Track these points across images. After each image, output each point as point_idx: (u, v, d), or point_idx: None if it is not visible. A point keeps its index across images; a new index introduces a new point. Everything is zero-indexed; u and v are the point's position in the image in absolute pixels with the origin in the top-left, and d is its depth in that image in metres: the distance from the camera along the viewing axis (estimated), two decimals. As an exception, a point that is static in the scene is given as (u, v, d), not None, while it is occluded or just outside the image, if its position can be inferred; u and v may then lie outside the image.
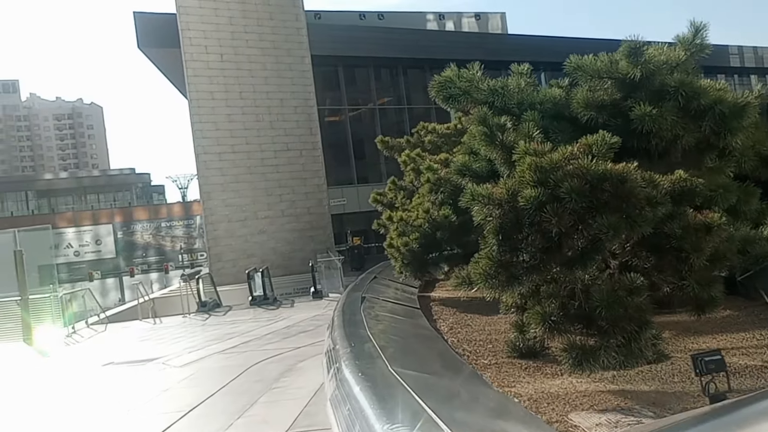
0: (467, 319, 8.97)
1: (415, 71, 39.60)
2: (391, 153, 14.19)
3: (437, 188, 10.48)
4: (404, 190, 12.98)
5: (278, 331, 14.89)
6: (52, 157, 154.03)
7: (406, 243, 10.59)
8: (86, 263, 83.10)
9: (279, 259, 26.86)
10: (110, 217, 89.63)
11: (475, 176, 6.88)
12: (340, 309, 6.69)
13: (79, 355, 15.24)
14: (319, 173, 28.67)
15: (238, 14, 27.64)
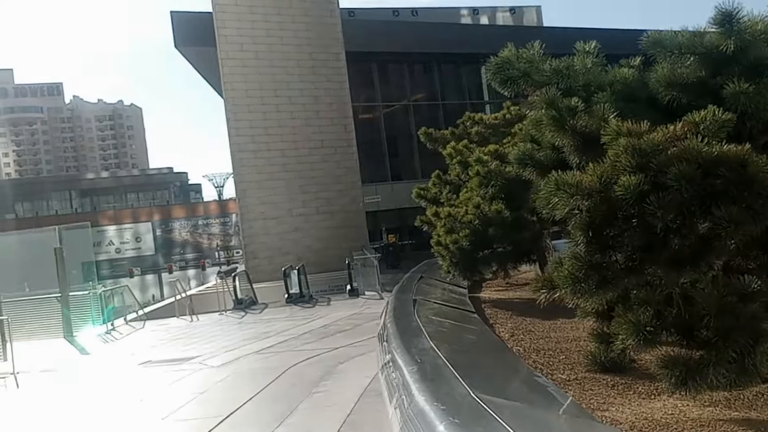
0: (527, 324, 8.16)
1: (449, 66, 38.75)
2: (434, 145, 13.23)
3: (488, 182, 9.69)
4: (450, 185, 12.07)
5: (315, 331, 14.25)
6: (94, 158, 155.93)
7: (455, 240, 9.77)
8: (126, 260, 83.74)
9: (314, 257, 26.21)
10: (149, 215, 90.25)
11: (539, 166, 6.08)
12: (391, 314, 5.90)
13: (117, 353, 14.78)
14: (354, 170, 27.99)
15: (273, 11, 27.05)
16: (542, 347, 6.80)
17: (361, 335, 12.97)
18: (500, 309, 9.05)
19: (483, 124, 13.24)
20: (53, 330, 17.40)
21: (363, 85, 35.40)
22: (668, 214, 3.91)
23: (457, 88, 39.77)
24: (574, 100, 5.46)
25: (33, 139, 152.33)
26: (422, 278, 9.85)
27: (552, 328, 7.72)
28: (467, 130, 13.22)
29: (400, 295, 7.15)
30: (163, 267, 79.13)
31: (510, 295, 11.40)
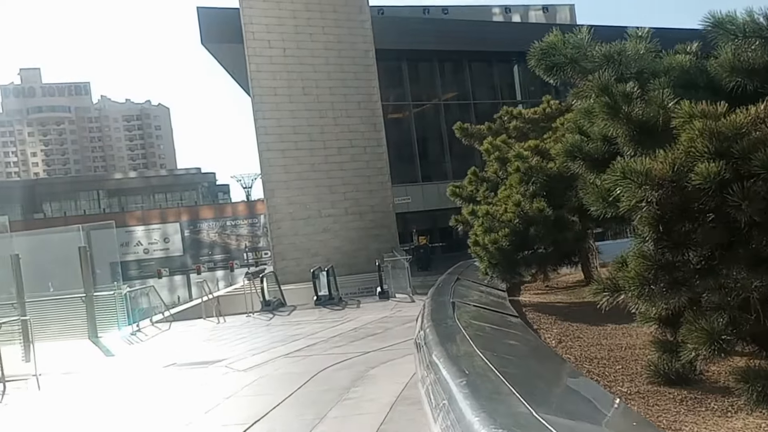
0: (574, 330, 7.76)
1: (481, 65, 38.31)
2: (469, 141, 12.75)
3: (528, 178, 9.29)
4: (487, 182, 11.60)
5: (345, 334, 13.99)
6: (122, 157, 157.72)
7: (494, 240, 9.33)
8: (154, 261, 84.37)
9: (342, 258, 25.95)
10: (177, 216, 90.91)
11: (588, 159, 5.70)
12: (429, 318, 5.54)
13: (142, 355, 14.65)
14: (384, 170, 27.68)
15: (302, 7, 26.85)
16: (594, 355, 6.38)
17: (393, 339, 12.67)
18: (543, 313, 8.66)
19: (522, 119, 12.73)
20: (77, 331, 17.35)
21: (392, 84, 35.12)
22: (755, 206, 3.52)
23: (488, 87, 39.32)
24: (629, 85, 5.08)
25: (61, 138, 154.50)
26: (458, 280, 9.44)
27: (602, 334, 7.29)
28: (504, 125, 12.70)
29: (437, 298, 6.80)
30: (191, 268, 79.65)
31: (551, 299, 10.98)
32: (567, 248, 10.06)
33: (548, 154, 9.84)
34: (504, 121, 12.72)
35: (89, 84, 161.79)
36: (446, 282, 9.17)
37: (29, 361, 11.84)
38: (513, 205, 9.55)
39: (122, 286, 18.43)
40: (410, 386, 8.64)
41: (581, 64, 5.83)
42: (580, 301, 10.38)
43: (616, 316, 8.73)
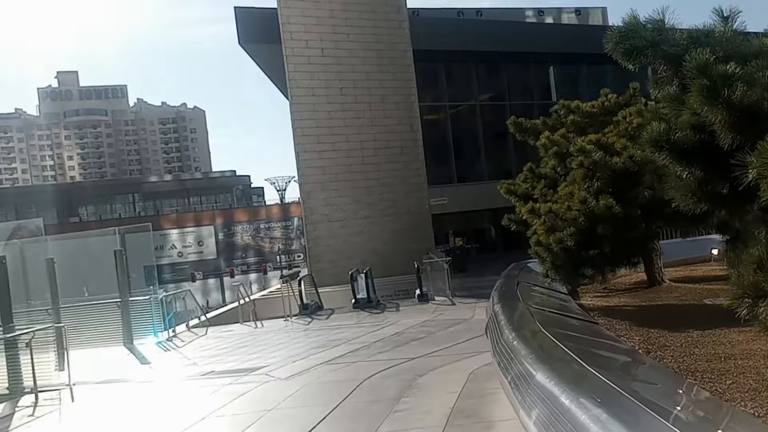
0: (657, 338, 7.18)
1: (516, 66, 37.63)
2: (524, 136, 12.13)
3: (592, 174, 8.72)
4: (544, 179, 10.98)
5: (387, 339, 13.50)
6: (157, 161, 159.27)
7: (560, 240, 8.80)
8: (189, 264, 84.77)
9: (379, 260, 25.43)
10: (211, 219, 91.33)
11: (677, 150, 5.13)
12: (509, 326, 4.93)
13: (178, 362, 14.30)
14: (420, 171, 27.15)
15: (339, 6, 26.45)
16: (694, 367, 5.72)
17: (438, 344, 12.17)
18: (614, 318, 8.12)
19: (579, 113, 12.07)
20: (113, 337, 17.07)
21: (428, 85, 34.58)
22: None
23: (523, 88, 38.57)
24: (730, 66, 4.51)
25: (97, 142, 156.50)
26: (519, 284, 8.88)
27: (690, 342, 6.67)
28: (561, 120, 12.08)
29: (508, 303, 6.26)
30: (224, 271, 79.86)
31: (615, 302, 10.46)
32: (634, 248, 9.48)
33: (611, 149, 9.28)
34: (560, 116, 12.09)
35: (126, 87, 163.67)
36: (508, 285, 8.60)
37: (63, 370, 11.51)
38: (578, 203, 8.98)
39: (158, 291, 18.13)
40: (464, 397, 8.14)
41: (662, 48, 5.26)
42: (648, 304, 9.91)
43: (695, 321, 8.13)
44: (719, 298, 9.56)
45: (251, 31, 29.99)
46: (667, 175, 5.45)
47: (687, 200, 4.56)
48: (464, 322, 14.63)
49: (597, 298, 10.92)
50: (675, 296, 10.63)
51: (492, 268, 27.98)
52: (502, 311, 5.48)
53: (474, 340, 12.21)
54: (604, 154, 8.99)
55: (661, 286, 11.31)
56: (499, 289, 7.73)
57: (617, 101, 12.13)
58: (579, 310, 8.18)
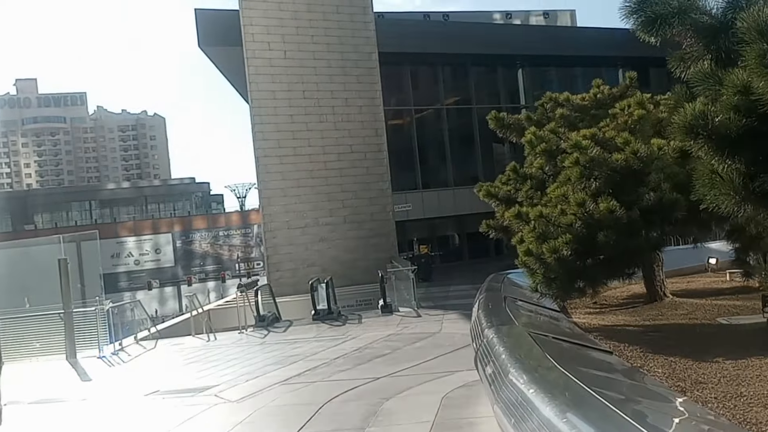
0: (683, 369, 5.94)
1: (483, 69, 36.91)
2: (505, 133, 10.90)
3: (590, 173, 7.66)
4: (531, 179, 9.71)
5: (349, 355, 12.38)
6: (116, 168, 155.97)
7: (555, 249, 7.60)
8: (146, 272, 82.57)
9: (340, 269, 24.39)
10: (170, 226, 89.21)
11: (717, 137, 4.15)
12: (516, 367, 3.76)
13: (122, 379, 13.01)
14: (384, 177, 26.11)
15: (303, 8, 25.39)
16: (754, 417, 4.49)
17: (404, 362, 11.10)
18: (620, 342, 6.96)
19: (569, 106, 10.88)
20: (55, 351, 15.73)
21: (393, 89, 33.69)
22: None
23: (491, 91, 37.79)
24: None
25: (55, 149, 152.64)
26: (506, 299, 7.69)
27: (727, 377, 5.46)
28: (547, 114, 10.84)
29: (502, 328, 5.13)
30: (182, 279, 77.85)
31: (613, 320, 9.25)
32: (638, 258, 8.39)
33: (609, 145, 8.19)
34: (546, 110, 10.87)
35: (85, 94, 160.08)
36: (494, 302, 7.42)
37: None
38: (575, 206, 7.87)
39: (105, 301, 16.74)
40: (438, 427, 7.11)
41: (691, 17, 4.28)
42: (653, 323, 8.72)
43: (717, 346, 7.07)
44: (736, 317, 8.53)
45: (211, 33, 28.79)
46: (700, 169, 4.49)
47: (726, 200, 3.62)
48: (432, 336, 13.58)
49: (590, 315, 9.66)
50: (681, 314, 9.47)
51: (458, 277, 27.10)
52: (499, 340, 4.38)
53: (444, 357, 11.19)
54: (601, 150, 7.95)
55: (662, 302, 10.12)
56: (484, 307, 6.54)
57: (611, 93, 11.08)
58: (585, 334, 6.98)
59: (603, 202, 7.44)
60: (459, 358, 10.88)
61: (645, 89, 12.46)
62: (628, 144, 7.78)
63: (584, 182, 7.79)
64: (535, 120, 10.32)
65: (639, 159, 7.71)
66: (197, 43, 29.11)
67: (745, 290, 10.70)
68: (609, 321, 8.83)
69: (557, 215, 7.78)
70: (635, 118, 8.62)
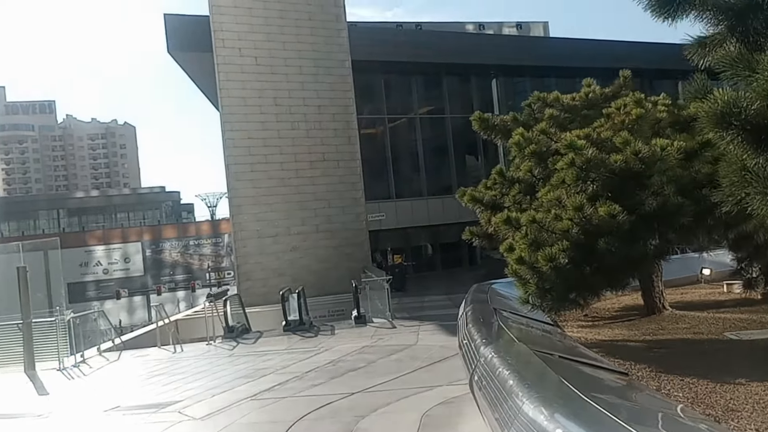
0: (708, 394, 5.21)
1: (457, 78, 36.55)
2: (490, 135, 10.18)
3: (586, 175, 7.06)
4: (519, 183, 9.03)
5: (322, 368, 11.76)
6: (85, 176, 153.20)
7: (551, 257, 6.93)
8: (114, 281, 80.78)
9: (312, 278, 23.76)
10: (139, 235, 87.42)
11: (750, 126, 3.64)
12: (531, 398, 3.19)
13: (81, 394, 12.25)
14: (357, 186, 25.53)
15: (275, 14, 24.80)
16: None
17: (379, 376, 10.52)
18: (624, 359, 6.36)
19: (559, 106, 10.21)
20: (13, 363, 14.93)
21: (366, 97, 33.20)
22: None
23: (465, 101, 37.36)
24: None
25: (23, 157, 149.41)
26: (497, 311, 7.04)
27: (760, 402, 4.94)
28: (534, 115, 10.14)
29: (502, 347, 4.48)
30: (151, 288, 76.24)
31: (611, 335, 8.73)
32: (639, 267, 7.77)
33: (605, 145, 7.60)
34: (534, 111, 10.19)
35: (54, 103, 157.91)
36: (484, 315, 6.76)
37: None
38: (572, 210, 7.19)
39: (66, 312, 15.91)
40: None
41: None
42: (656, 339, 8.31)
43: (735, 365, 6.47)
44: (744, 331, 8.00)
45: (181, 39, 28.02)
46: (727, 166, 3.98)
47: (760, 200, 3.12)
48: (408, 348, 13.01)
49: (583, 328, 9.28)
50: (684, 328, 8.85)
51: (432, 288, 26.59)
52: (501, 361, 3.79)
53: (422, 370, 10.65)
54: (597, 151, 7.37)
55: (661, 314, 9.49)
56: (474, 321, 5.90)
57: (603, 93, 10.49)
58: (592, 352, 6.32)
59: (602, 207, 6.85)
60: (437, 371, 10.36)
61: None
62: (628, 144, 7.20)
63: (580, 185, 7.20)
64: (522, 121, 9.67)
65: (640, 160, 7.13)
66: (166, 48, 28.31)
67: (748, 302, 10.20)
68: (606, 335, 8.17)
69: (551, 220, 7.17)
70: (633, 118, 8.06)
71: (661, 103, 8.87)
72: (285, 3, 25.05)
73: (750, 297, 10.09)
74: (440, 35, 37.66)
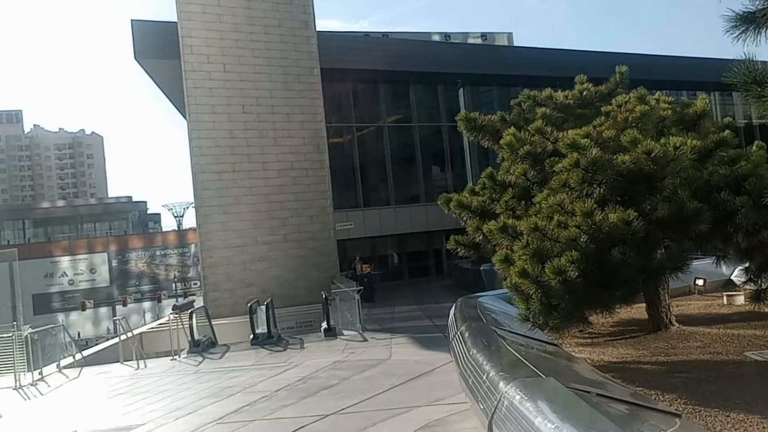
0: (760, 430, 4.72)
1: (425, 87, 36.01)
2: (476, 136, 9.25)
3: (591, 177, 6.27)
4: (513, 188, 8.08)
5: (292, 386, 10.97)
6: (51, 186, 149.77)
7: (559, 270, 6.01)
8: (80, 292, 78.57)
9: (281, 289, 22.96)
10: (105, 246, 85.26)
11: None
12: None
13: (37, 415, 11.27)
14: (326, 194, 24.70)
15: (244, 20, 23.97)
16: None
17: (355, 394, 9.77)
18: (646, 387, 5.45)
19: (552, 104, 9.31)
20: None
21: (335, 106, 32.47)
22: None
23: (433, 110, 36.80)
24: None
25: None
26: (497, 331, 6.17)
27: None
28: (524, 115, 9.21)
29: (527, 381, 3.70)
30: (117, 299, 74.21)
31: (617, 355, 7.81)
32: (658, 278, 6.90)
33: (607, 146, 6.80)
34: (524, 110, 9.29)
35: (21, 112, 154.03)
36: (484, 335, 5.85)
37: None
38: (581, 216, 6.33)
39: (23, 327, 14.88)
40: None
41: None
42: (669, 359, 7.37)
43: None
44: (767, 351, 7.27)
45: (148, 45, 26.97)
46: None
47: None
48: (381, 363, 12.25)
49: (584, 347, 8.27)
50: (697, 347, 7.87)
51: (402, 298, 25.86)
52: (534, 404, 3.08)
53: (398, 389, 9.91)
54: (601, 151, 6.59)
55: (668, 331, 8.59)
56: (480, 347, 4.93)
57: (598, 91, 9.72)
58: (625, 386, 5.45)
59: (612, 212, 6.06)
60: (414, 390, 9.63)
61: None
62: (637, 143, 6.44)
63: (585, 188, 6.42)
64: (511, 121, 8.88)
65: (652, 160, 6.38)
66: (133, 55, 27.27)
67: (756, 316, 9.39)
68: (613, 356, 7.16)
69: (553, 228, 6.39)
70: (637, 115, 7.35)
71: (663, 100, 8.22)
72: (254, 10, 24.25)
73: (758, 310, 9.37)
74: (408, 43, 37.09)
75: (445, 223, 31.41)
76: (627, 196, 6.41)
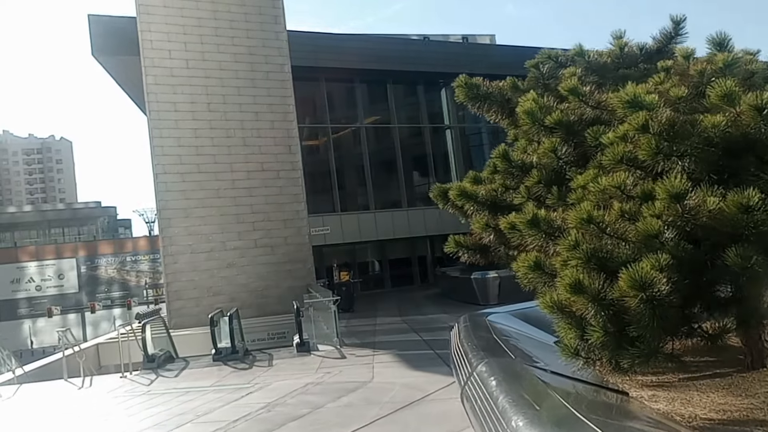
0: None
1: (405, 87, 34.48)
2: (481, 107, 7.20)
3: (669, 147, 4.12)
4: (539, 169, 5.92)
5: (253, 416, 9.25)
6: (20, 192, 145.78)
7: (643, 282, 3.81)
8: (47, 298, 75.61)
9: (250, 298, 21.31)
10: (74, 251, 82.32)
11: None
12: None
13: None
14: (299, 198, 23.00)
15: (208, 14, 22.27)
16: None
17: (330, 429, 8.10)
18: None
19: (583, 63, 7.11)
20: None
21: (308, 106, 30.81)
22: None
23: (413, 110, 35.24)
24: None
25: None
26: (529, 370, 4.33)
27: None
28: (544, 80, 6.96)
29: None
30: (86, 306, 71.43)
31: (712, 407, 4.55)
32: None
33: (678, 108, 4.75)
34: (543, 74, 7.06)
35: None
36: (517, 377, 3.87)
37: None
38: (666, 200, 4.15)
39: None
40: None
41: None
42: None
43: None
44: None
45: (106, 41, 25.22)
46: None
47: None
48: (362, 387, 10.47)
49: (654, 389, 5.03)
50: None
51: (383, 308, 24.10)
52: None
53: (383, 421, 8.21)
54: (672, 113, 4.50)
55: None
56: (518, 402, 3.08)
57: (644, 47, 7.46)
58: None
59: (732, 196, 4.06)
60: (404, 425, 7.95)
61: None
62: (734, 99, 4.32)
63: (661, 163, 4.32)
64: (524, 88, 6.90)
65: (764, 120, 4.23)
66: (91, 51, 25.44)
67: None
68: (706, 407, 3.87)
69: (615, 220, 4.40)
70: (719, 66, 5.31)
71: (745, 51, 6.41)
72: (219, 3, 22.53)
73: None
74: (386, 41, 35.48)
75: (431, 228, 29.44)
76: (725, 174, 4.39)
